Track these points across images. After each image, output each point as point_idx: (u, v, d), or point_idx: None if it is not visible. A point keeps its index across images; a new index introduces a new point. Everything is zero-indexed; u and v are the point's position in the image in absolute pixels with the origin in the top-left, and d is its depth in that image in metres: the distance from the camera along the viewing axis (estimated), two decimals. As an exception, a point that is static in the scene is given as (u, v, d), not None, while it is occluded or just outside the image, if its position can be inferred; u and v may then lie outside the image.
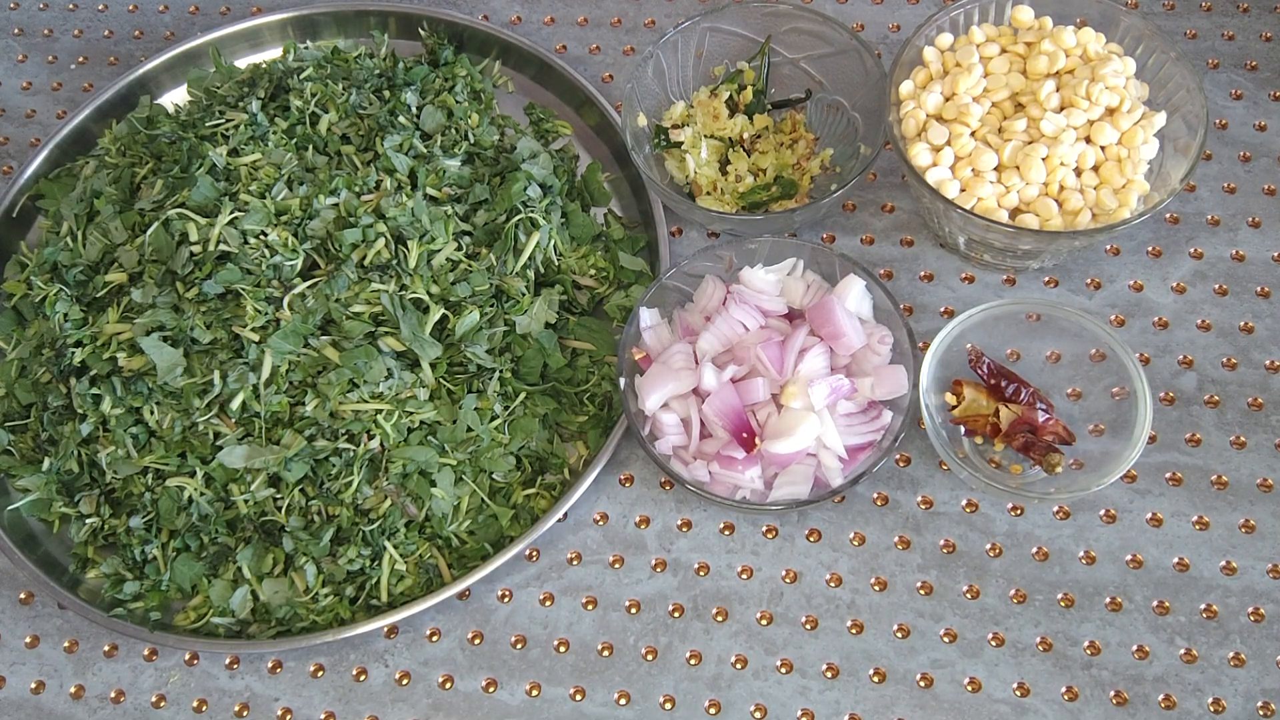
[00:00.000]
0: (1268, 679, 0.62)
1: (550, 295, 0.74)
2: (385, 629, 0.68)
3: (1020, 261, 0.74)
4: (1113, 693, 0.63)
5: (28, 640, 0.70)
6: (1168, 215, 0.77)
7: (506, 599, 0.68)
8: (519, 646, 0.67)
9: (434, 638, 0.68)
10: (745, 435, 0.66)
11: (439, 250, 0.73)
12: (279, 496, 0.69)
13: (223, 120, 0.81)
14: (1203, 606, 0.65)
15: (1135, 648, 0.64)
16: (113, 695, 0.67)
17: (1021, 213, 0.70)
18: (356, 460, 0.68)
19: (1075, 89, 0.69)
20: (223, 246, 0.72)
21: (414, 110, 0.82)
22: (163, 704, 0.67)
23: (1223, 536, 0.66)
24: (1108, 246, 0.76)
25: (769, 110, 0.81)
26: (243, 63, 0.89)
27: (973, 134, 0.71)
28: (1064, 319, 0.68)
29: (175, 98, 0.89)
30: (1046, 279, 0.75)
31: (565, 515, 0.69)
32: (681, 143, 0.79)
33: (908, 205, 0.79)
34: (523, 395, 0.72)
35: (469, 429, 0.70)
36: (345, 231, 0.73)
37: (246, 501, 0.69)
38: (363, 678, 0.67)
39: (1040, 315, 0.69)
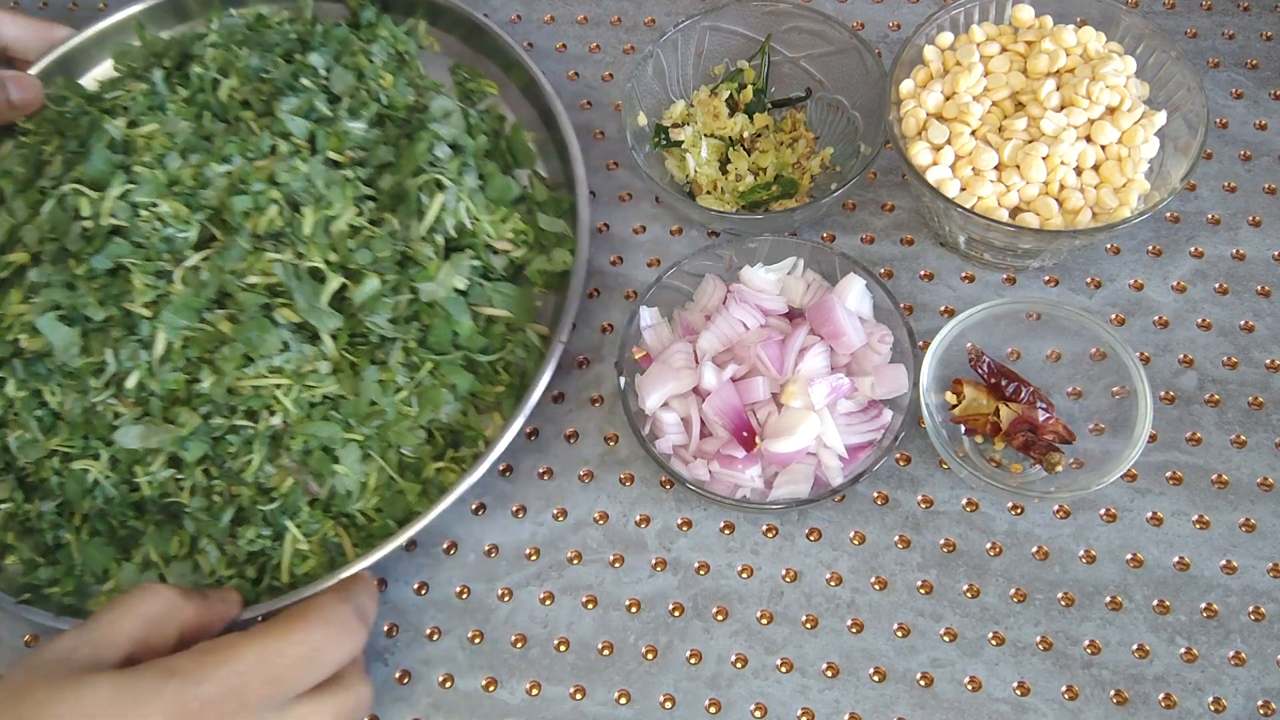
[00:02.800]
0: (1268, 678, 0.62)
1: (460, 260, 0.71)
2: (386, 627, 0.68)
3: (1020, 260, 0.74)
4: (1113, 692, 0.63)
5: (27, 639, 0.70)
6: (1168, 214, 0.77)
7: (506, 598, 0.68)
8: (519, 645, 0.67)
9: (434, 636, 0.68)
10: (745, 434, 0.66)
11: (336, 216, 0.70)
12: (181, 477, 0.67)
13: (122, 91, 0.79)
14: (1203, 606, 0.65)
15: (1135, 647, 0.64)
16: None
17: (1022, 212, 0.70)
18: (256, 437, 0.66)
19: (1075, 88, 0.69)
20: (114, 220, 0.70)
21: (322, 73, 0.79)
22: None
23: (1223, 536, 0.66)
24: (1108, 245, 0.76)
25: (769, 109, 0.81)
26: (172, 35, 0.87)
27: (973, 133, 0.71)
28: (1064, 318, 0.68)
29: (107, 72, 0.87)
30: (1047, 278, 0.75)
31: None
32: (681, 142, 0.79)
33: (908, 204, 0.79)
34: (430, 365, 0.69)
35: (372, 402, 0.68)
36: (235, 199, 0.70)
37: (150, 483, 0.67)
38: (363, 677, 0.67)
39: (1040, 314, 0.69)
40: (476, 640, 0.67)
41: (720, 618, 0.66)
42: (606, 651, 0.66)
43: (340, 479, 0.67)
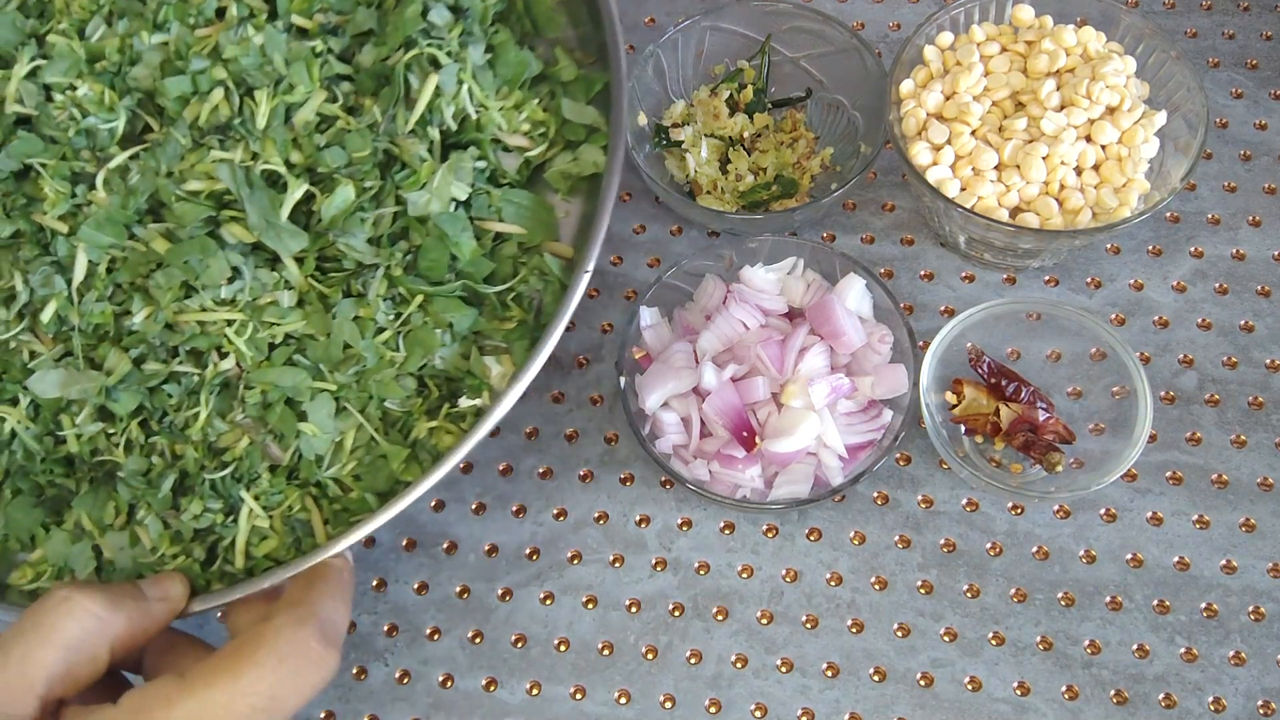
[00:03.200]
0: (1268, 678, 0.62)
1: (460, 161, 0.56)
2: (386, 627, 0.68)
3: (1020, 260, 0.74)
4: (1113, 692, 0.63)
5: (27, 639, 0.69)
6: (1168, 214, 0.77)
7: (506, 598, 0.68)
8: (519, 645, 0.67)
9: (434, 636, 0.68)
10: (745, 434, 0.66)
11: (301, 103, 0.55)
12: (112, 431, 0.55)
13: None
14: (1203, 605, 0.65)
15: (1135, 647, 0.64)
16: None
17: (1022, 211, 0.70)
18: (203, 386, 0.54)
19: (1076, 88, 0.69)
20: (20, 108, 0.56)
21: None
22: None
23: (1223, 535, 0.66)
24: (1108, 245, 0.76)
25: (769, 109, 0.81)
26: None
27: (973, 133, 0.71)
28: (1064, 318, 0.68)
29: None
30: (1047, 278, 0.75)
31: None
32: (682, 142, 0.79)
33: (908, 204, 0.79)
34: (420, 298, 0.56)
35: (347, 345, 0.55)
36: (169, 80, 0.55)
37: (77, 437, 0.55)
38: (363, 676, 0.67)
39: (1040, 314, 0.69)
40: (477, 640, 0.67)
41: (720, 618, 0.66)
42: (606, 651, 0.66)
43: (308, 440, 0.54)
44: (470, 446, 0.53)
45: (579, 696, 0.65)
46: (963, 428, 0.69)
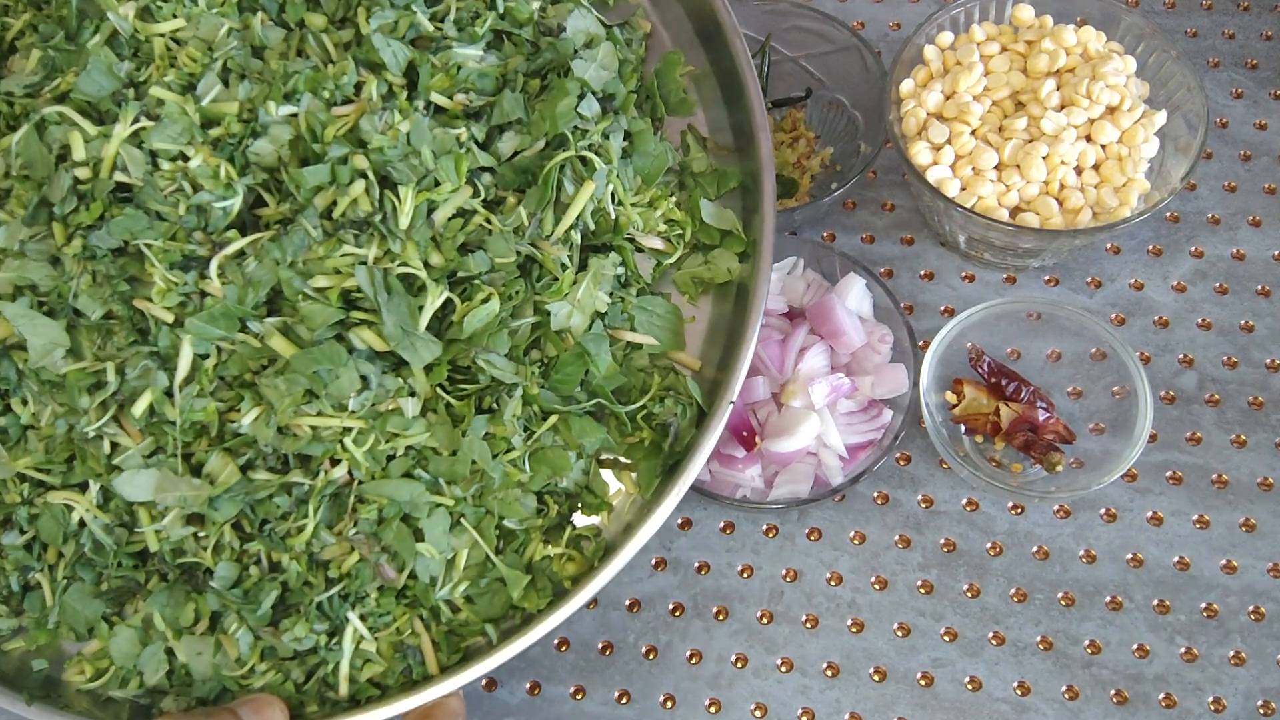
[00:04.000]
0: (1268, 678, 0.62)
1: (602, 268, 0.51)
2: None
3: (1021, 260, 0.74)
4: (1113, 691, 0.63)
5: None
6: (1168, 214, 0.77)
7: (506, 598, 0.68)
8: (519, 645, 0.67)
9: (434, 636, 0.68)
10: (746, 434, 0.66)
11: (445, 199, 0.49)
12: (202, 535, 0.50)
13: None
14: (1203, 605, 0.65)
15: (1135, 646, 0.64)
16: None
17: (1022, 211, 0.70)
18: (313, 495, 0.48)
19: (1076, 87, 0.69)
20: (123, 176, 0.49)
21: None
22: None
23: (1223, 535, 0.66)
24: (1108, 245, 0.76)
25: (769, 108, 0.81)
26: None
27: (973, 132, 0.71)
28: (1064, 318, 0.68)
29: None
30: (1047, 278, 0.75)
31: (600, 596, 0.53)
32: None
33: (908, 204, 0.79)
34: (554, 419, 0.51)
35: (474, 463, 0.49)
36: (308, 170, 0.48)
37: (159, 534, 0.49)
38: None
39: (1041, 314, 0.68)
40: (476, 640, 0.67)
41: (720, 617, 0.66)
42: (607, 651, 0.66)
43: (424, 561, 0.49)
44: (599, 585, 0.49)
45: (579, 696, 0.65)
46: (963, 427, 0.69)
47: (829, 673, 0.64)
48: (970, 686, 0.63)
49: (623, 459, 0.53)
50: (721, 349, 0.54)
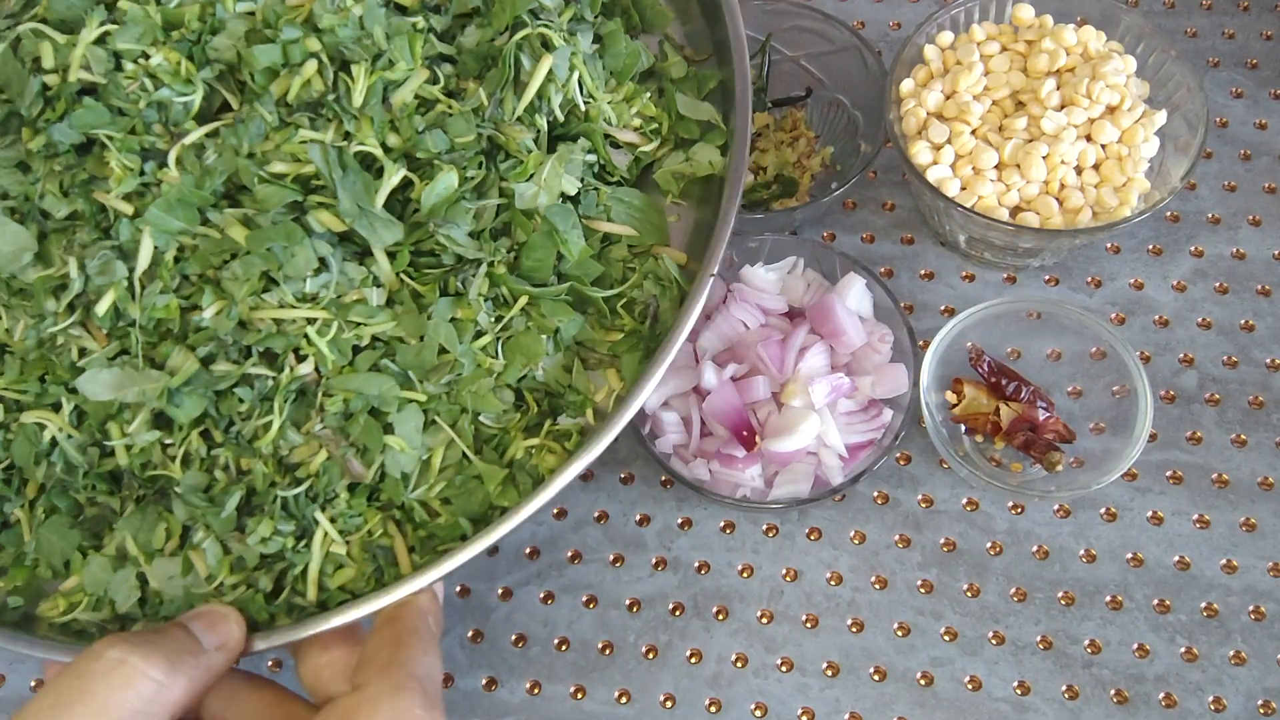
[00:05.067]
0: (1269, 678, 0.62)
1: (570, 153, 0.52)
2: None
3: (1021, 260, 0.74)
4: (1113, 691, 0.63)
5: (27, 638, 0.69)
6: (1168, 213, 0.77)
7: (507, 597, 0.68)
8: (519, 645, 0.67)
9: (434, 636, 0.68)
10: (745, 433, 0.66)
11: (401, 82, 0.51)
12: (170, 442, 0.49)
13: None
14: (1203, 605, 0.65)
15: (1136, 646, 0.64)
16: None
17: (1022, 211, 0.70)
18: (278, 391, 0.48)
19: (1076, 87, 0.69)
20: (86, 75, 0.50)
21: None
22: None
23: (1223, 535, 0.66)
24: (1108, 245, 0.76)
25: (769, 108, 0.81)
26: None
27: (973, 132, 0.71)
28: (1064, 317, 0.68)
29: None
30: (1047, 277, 0.75)
31: (590, 474, 0.53)
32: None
33: (908, 203, 0.79)
34: (524, 300, 0.51)
35: (443, 349, 0.49)
36: (257, 49, 0.49)
37: (128, 449, 0.49)
38: (362, 676, 0.67)
39: (1041, 313, 0.69)
40: (477, 640, 0.67)
41: (720, 617, 0.66)
42: (607, 651, 0.66)
43: (394, 455, 0.49)
44: (577, 471, 0.48)
45: (579, 696, 0.65)
46: (963, 427, 0.69)
47: (829, 672, 0.64)
48: (970, 686, 0.63)
49: (604, 355, 0.53)
50: (705, 246, 0.54)
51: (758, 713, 0.64)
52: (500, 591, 0.68)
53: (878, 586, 0.66)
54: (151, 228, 0.48)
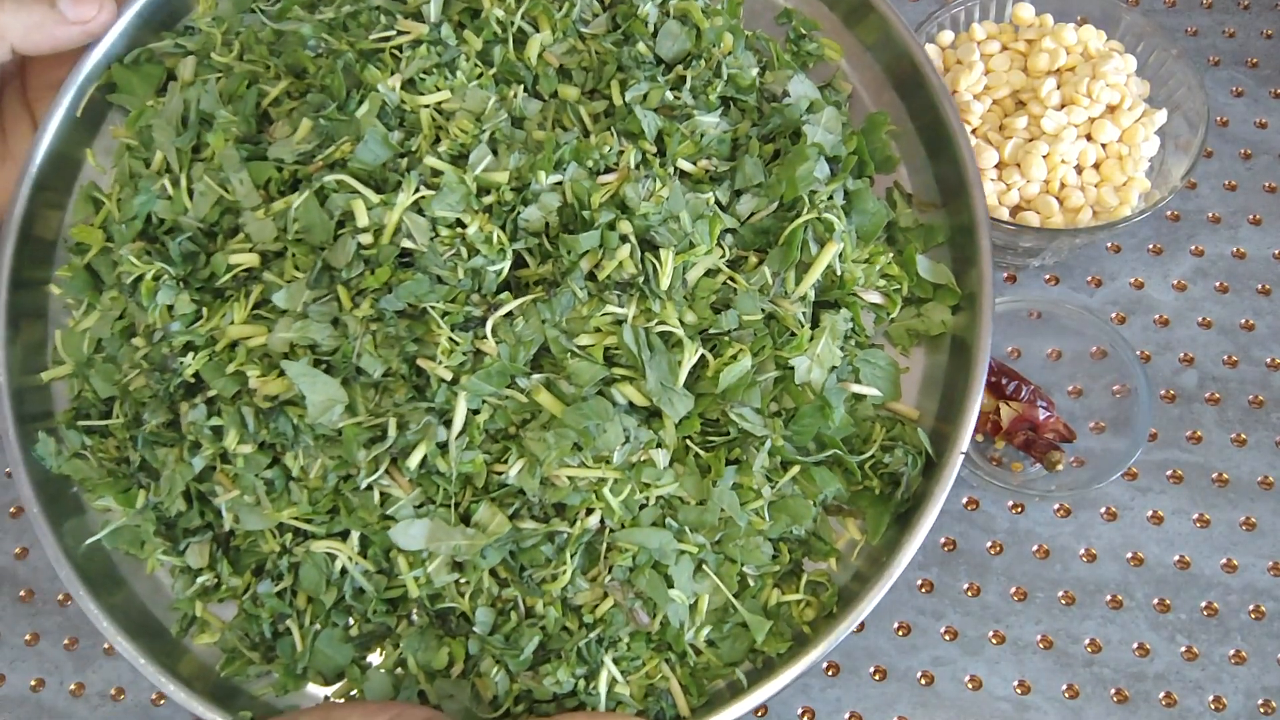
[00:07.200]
0: (1268, 676, 0.62)
1: (834, 324, 0.53)
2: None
3: (1021, 259, 0.74)
4: (1114, 690, 0.63)
5: (27, 638, 0.69)
6: (1168, 213, 0.77)
7: None
8: None
9: (434, 635, 0.68)
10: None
11: (697, 261, 0.52)
12: (463, 580, 0.52)
13: (392, 32, 0.56)
14: (1203, 604, 0.65)
15: (1136, 645, 0.64)
16: (113, 692, 0.67)
17: (1022, 210, 0.70)
18: (571, 543, 0.51)
19: (1076, 86, 0.69)
20: (408, 243, 0.51)
21: (650, 26, 0.57)
22: (162, 701, 0.67)
23: (1223, 534, 0.66)
24: (1109, 244, 0.76)
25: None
26: None
27: (974, 131, 0.71)
28: (1065, 316, 0.68)
29: None
30: (1047, 276, 0.75)
31: (862, 626, 0.56)
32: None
33: (908, 203, 0.79)
34: (795, 469, 0.53)
35: (722, 511, 0.52)
36: (583, 236, 0.51)
37: (418, 580, 0.51)
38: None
39: (1041, 313, 0.68)
40: (477, 639, 0.67)
41: (721, 616, 0.66)
42: (607, 650, 0.66)
43: (675, 606, 0.51)
44: (843, 634, 0.52)
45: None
46: (963, 426, 0.69)
47: (829, 671, 0.64)
48: (971, 685, 0.63)
49: (846, 506, 0.56)
50: (937, 400, 0.56)
51: (758, 712, 0.64)
52: None
53: (878, 586, 0.66)
54: (468, 394, 0.50)
